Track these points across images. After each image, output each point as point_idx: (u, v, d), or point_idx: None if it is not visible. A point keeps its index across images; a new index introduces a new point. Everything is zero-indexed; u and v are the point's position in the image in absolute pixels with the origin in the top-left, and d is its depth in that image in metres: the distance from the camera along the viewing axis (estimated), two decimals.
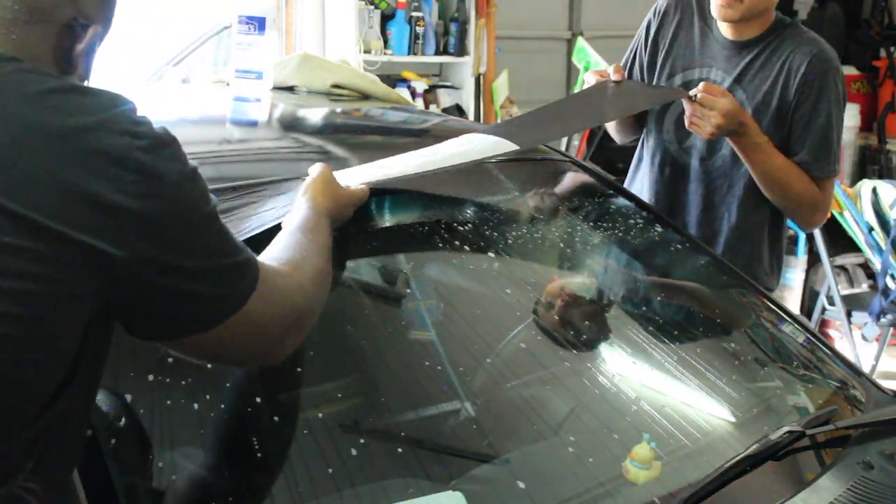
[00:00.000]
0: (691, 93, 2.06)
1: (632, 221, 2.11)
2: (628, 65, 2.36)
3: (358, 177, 1.49)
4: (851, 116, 5.66)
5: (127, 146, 0.91)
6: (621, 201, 2.13)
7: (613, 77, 2.16)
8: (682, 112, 2.23)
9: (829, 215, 2.28)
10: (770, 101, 2.12)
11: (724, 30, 2.18)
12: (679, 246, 2.04)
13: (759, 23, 2.15)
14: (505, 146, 1.73)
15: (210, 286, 0.98)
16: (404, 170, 1.56)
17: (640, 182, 2.35)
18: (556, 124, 1.98)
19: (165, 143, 0.96)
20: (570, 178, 2.10)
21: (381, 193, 1.55)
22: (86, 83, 1.08)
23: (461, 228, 1.75)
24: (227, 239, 1.01)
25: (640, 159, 2.38)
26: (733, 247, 2.23)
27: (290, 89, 2.35)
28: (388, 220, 1.64)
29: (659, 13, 2.29)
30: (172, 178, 0.94)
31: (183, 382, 1.24)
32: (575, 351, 1.68)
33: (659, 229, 2.07)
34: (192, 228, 0.97)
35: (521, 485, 1.30)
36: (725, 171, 2.20)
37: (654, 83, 2.29)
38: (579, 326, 1.75)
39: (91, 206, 0.88)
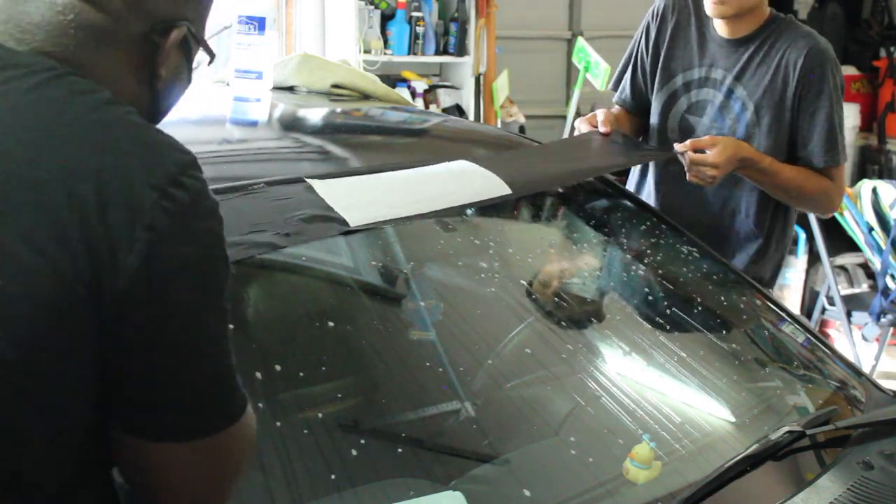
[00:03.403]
0: (679, 148, 2.08)
1: (632, 221, 2.11)
2: (627, 69, 2.37)
3: (348, 209, 1.46)
4: (851, 116, 5.66)
5: (151, 203, 0.83)
6: (621, 201, 2.13)
7: (601, 129, 2.16)
8: (686, 112, 2.24)
9: (842, 195, 2.32)
10: (771, 97, 2.15)
11: (721, 28, 2.20)
12: (679, 246, 2.04)
13: (754, 19, 2.17)
14: (500, 189, 1.68)
15: (200, 390, 0.89)
16: (397, 213, 1.54)
17: (648, 185, 2.35)
18: (549, 172, 1.95)
19: (197, 215, 0.87)
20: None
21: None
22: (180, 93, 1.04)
23: (462, 228, 1.75)
24: (227, 351, 0.92)
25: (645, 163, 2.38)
26: (742, 246, 2.24)
27: (290, 89, 2.35)
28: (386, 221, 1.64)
29: (657, 16, 2.30)
30: (186, 254, 0.86)
31: None
32: (575, 351, 1.68)
33: (659, 229, 2.07)
34: (197, 312, 0.88)
35: (522, 485, 1.30)
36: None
37: (655, 85, 2.29)
38: (580, 327, 1.75)
39: (96, 250, 0.82)
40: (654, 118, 2.31)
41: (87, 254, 0.82)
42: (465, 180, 1.68)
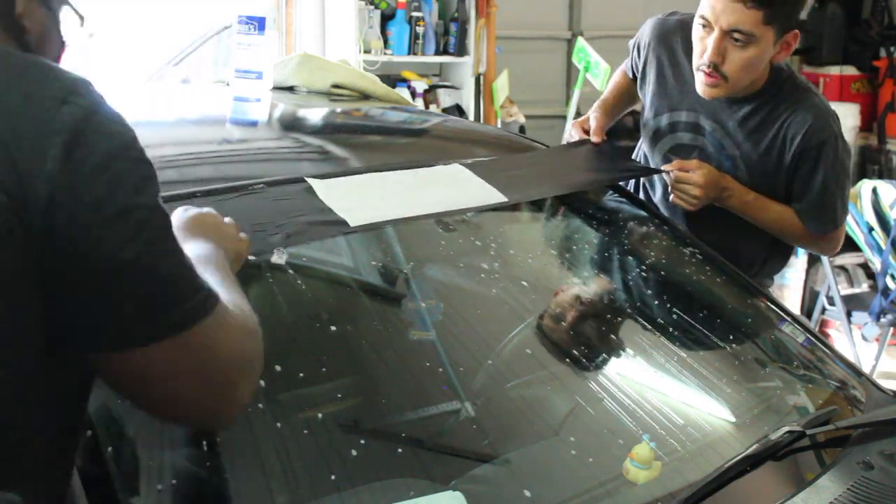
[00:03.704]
0: (665, 168, 2.05)
1: (631, 221, 2.11)
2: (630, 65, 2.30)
3: (348, 210, 1.47)
4: (851, 116, 5.66)
5: (55, 108, 0.85)
6: (622, 202, 2.13)
7: (593, 139, 2.10)
8: (668, 151, 2.17)
9: (839, 247, 2.21)
10: (766, 167, 2.04)
11: None
12: (678, 246, 2.04)
13: (751, 84, 2.00)
14: (495, 196, 1.67)
15: (150, 290, 0.87)
16: (396, 214, 1.54)
17: (646, 186, 2.33)
18: (542, 182, 1.92)
19: (102, 119, 0.88)
20: None
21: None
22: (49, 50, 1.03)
23: (462, 228, 1.76)
24: (169, 246, 0.91)
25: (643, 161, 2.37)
26: (738, 245, 2.22)
27: (290, 89, 2.35)
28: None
29: (644, 47, 2.17)
30: (101, 154, 0.86)
31: None
32: (575, 351, 1.68)
33: (659, 230, 2.07)
34: (125, 213, 0.86)
35: (522, 485, 1.30)
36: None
37: (644, 112, 2.21)
38: (580, 327, 1.75)
39: (13, 168, 0.82)
40: (642, 143, 2.26)
41: (8, 184, 0.82)
42: (461, 186, 1.69)
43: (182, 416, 1.00)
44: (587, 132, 2.15)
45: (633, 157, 2.34)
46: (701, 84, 1.98)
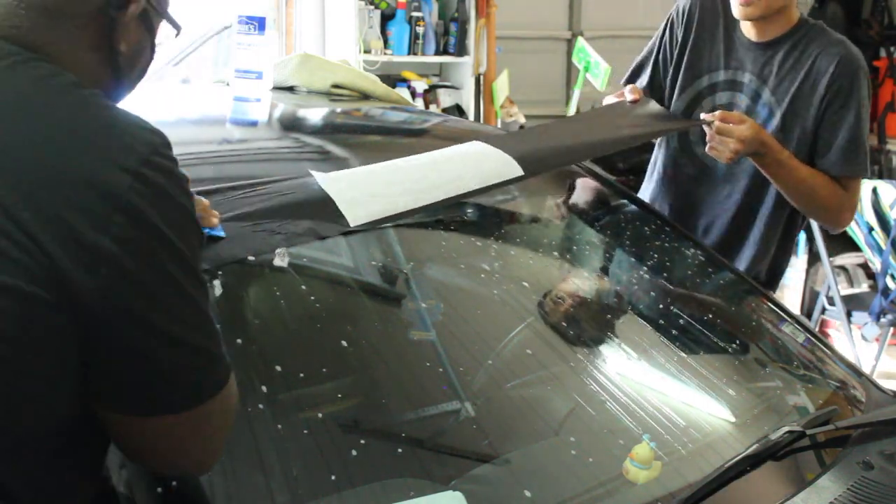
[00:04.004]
0: (707, 118, 2.05)
1: (633, 223, 2.11)
2: (646, 64, 2.32)
3: (352, 205, 1.46)
4: None
5: (124, 185, 0.83)
6: (623, 203, 2.13)
7: (629, 97, 2.13)
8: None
9: (854, 211, 2.26)
10: (799, 104, 2.10)
11: (748, 31, 2.16)
12: (679, 246, 2.04)
13: (782, 22, 2.12)
14: (511, 170, 1.67)
15: (187, 364, 0.90)
16: (403, 204, 1.53)
17: (657, 189, 2.33)
18: (567, 148, 1.93)
19: (169, 195, 0.87)
20: (572, 180, 2.10)
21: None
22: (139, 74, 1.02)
23: (462, 228, 1.75)
24: (209, 320, 0.93)
25: (654, 167, 2.37)
26: (754, 245, 2.23)
27: (290, 89, 2.35)
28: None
29: (683, 13, 2.26)
30: (162, 234, 0.86)
31: None
32: (575, 351, 1.68)
33: (660, 230, 2.07)
34: (174, 292, 0.88)
35: (522, 485, 1.30)
36: (739, 174, 2.18)
37: (678, 85, 2.25)
38: (580, 327, 1.75)
39: (69, 234, 0.81)
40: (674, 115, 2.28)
41: (57, 244, 0.81)
42: (474, 163, 1.68)
43: (176, 469, 1.03)
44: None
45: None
46: (736, 6, 2.09)
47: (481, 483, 1.31)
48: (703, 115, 2.09)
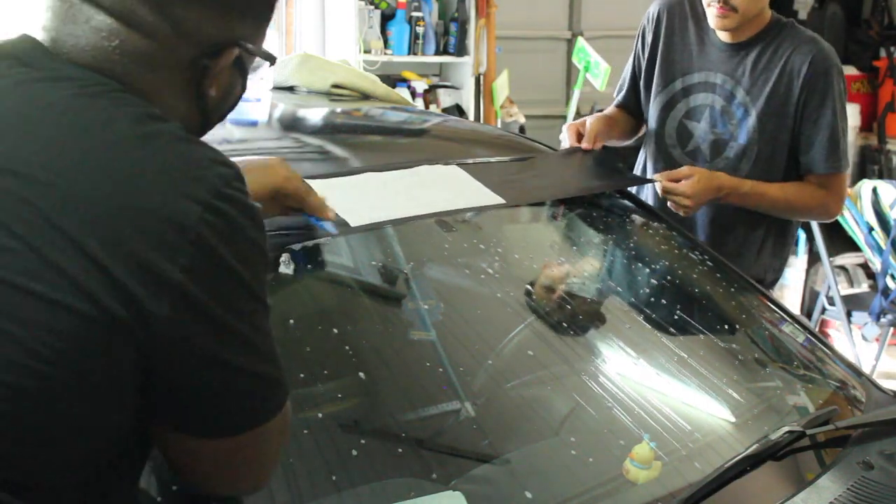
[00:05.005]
0: (654, 177, 2.11)
1: (632, 221, 2.11)
2: (628, 79, 2.36)
3: (348, 211, 1.47)
4: (851, 116, 5.65)
5: (195, 216, 0.84)
6: (621, 201, 2.13)
7: (583, 145, 2.13)
8: (683, 117, 2.23)
9: (843, 202, 2.31)
10: (774, 103, 2.12)
11: (721, 33, 2.17)
12: (679, 246, 2.04)
13: (755, 24, 2.14)
14: (493, 199, 1.71)
15: (249, 390, 0.91)
16: (396, 214, 1.55)
17: (646, 189, 2.34)
18: (538, 187, 1.91)
19: (240, 227, 0.88)
20: None
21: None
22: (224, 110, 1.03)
23: (462, 228, 1.75)
24: (272, 345, 0.94)
25: (643, 166, 2.38)
26: (740, 245, 2.24)
27: (291, 89, 2.35)
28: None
29: (652, 19, 2.28)
30: (231, 266, 0.87)
31: None
32: (575, 351, 1.67)
33: (659, 229, 2.07)
34: (240, 322, 0.89)
35: (522, 485, 1.30)
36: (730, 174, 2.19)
37: (652, 89, 2.28)
38: (579, 326, 1.75)
39: (138, 261, 0.82)
40: (651, 122, 2.31)
41: (125, 271, 0.82)
42: (459, 187, 1.70)
43: (231, 489, 1.03)
44: (581, 137, 2.16)
45: (637, 156, 2.36)
46: (713, 18, 2.11)
47: (481, 483, 1.31)
48: (653, 175, 2.14)
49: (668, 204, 2.10)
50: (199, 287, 0.84)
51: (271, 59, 1.06)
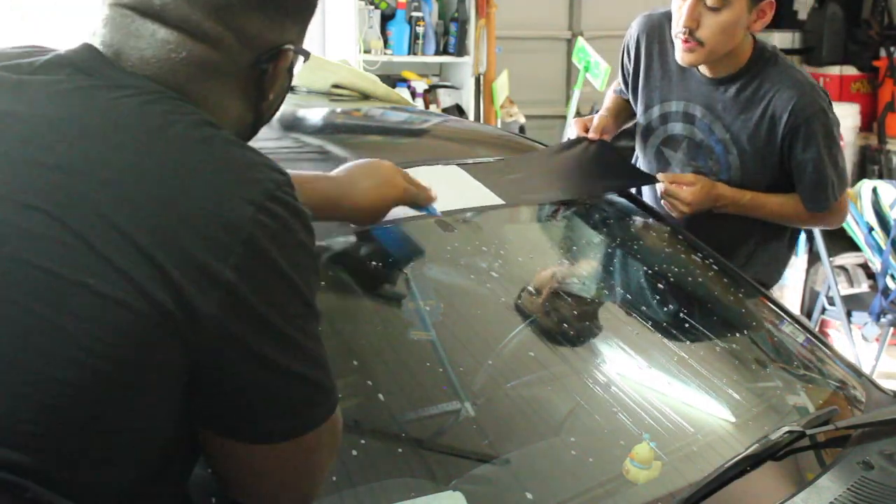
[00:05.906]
0: (659, 177, 2.09)
1: (632, 221, 2.11)
2: (621, 82, 2.33)
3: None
4: (851, 116, 5.66)
5: (247, 217, 0.86)
6: (619, 200, 2.13)
7: (591, 135, 2.12)
8: (661, 144, 2.22)
9: (845, 217, 2.31)
10: (756, 144, 2.07)
11: (700, 66, 2.08)
12: (679, 246, 2.04)
13: (734, 60, 2.05)
14: (493, 199, 1.72)
15: (296, 395, 0.91)
16: (396, 213, 1.55)
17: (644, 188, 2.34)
18: (540, 186, 1.91)
19: (291, 230, 0.89)
20: None
21: None
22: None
23: (461, 228, 1.75)
24: (321, 352, 0.94)
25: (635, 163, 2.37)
26: (734, 243, 2.23)
27: (291, 89, 2.35)
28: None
29: (633, 43, 2.22)
30: (281, 268, 0.88)
31: None
32: (575, 351, 1.68)
33: (659, 230, 2.07)
34: (288, 325, 0.90)
35: (522, 485, 1.30)
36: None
37: (637, 108, 2.24)
38: (579, 326, 1.75)
39: (190, 260, 0.83)
40: (636, 141, 2.29)
41: (176, 268, 0.83)
42: (460, 187, 1.71)
43: (278, 501, 1.01)
44: (587, 131, 2.16)
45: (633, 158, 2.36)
46: (679, 51, 2.03)
47: (481, 483, 1.31)
48: (658, 175, 2.12)
49: (663, 202, 2.09)
50: (248, 287, 0.85)
51: (307, 56, 1.09)
